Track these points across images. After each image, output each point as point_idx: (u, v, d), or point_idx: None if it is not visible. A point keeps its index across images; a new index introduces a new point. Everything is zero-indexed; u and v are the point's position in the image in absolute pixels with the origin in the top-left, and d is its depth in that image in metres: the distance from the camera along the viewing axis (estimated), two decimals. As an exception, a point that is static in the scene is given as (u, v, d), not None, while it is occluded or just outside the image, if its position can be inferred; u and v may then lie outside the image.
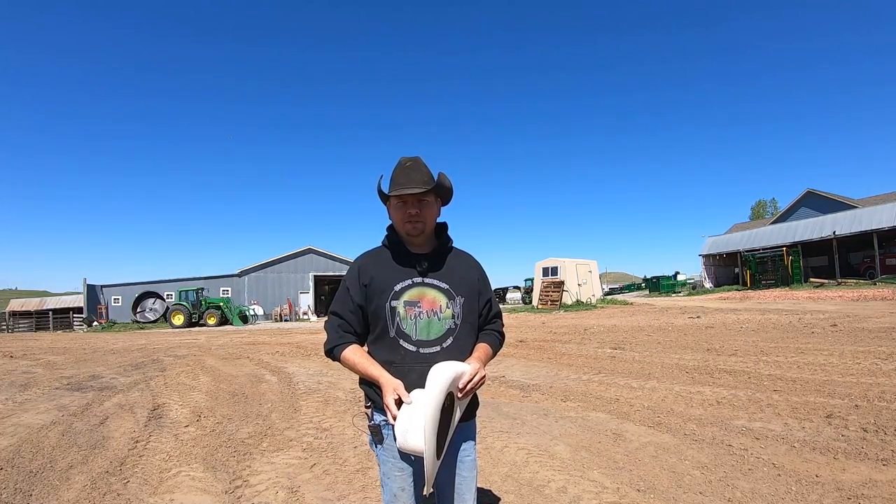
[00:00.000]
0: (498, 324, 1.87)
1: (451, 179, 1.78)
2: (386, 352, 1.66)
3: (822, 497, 2.81)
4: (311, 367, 8.72)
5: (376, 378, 1.59)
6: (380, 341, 1.68)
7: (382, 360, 1.64)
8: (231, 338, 17.34)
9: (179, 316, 27.98)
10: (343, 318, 1.70)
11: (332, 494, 3.19)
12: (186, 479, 3.54)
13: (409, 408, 1.47)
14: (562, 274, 27.06)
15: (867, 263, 27.21)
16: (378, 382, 1.58)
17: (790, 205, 38.11)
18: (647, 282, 44.30)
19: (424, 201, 1.69)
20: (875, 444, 3.52)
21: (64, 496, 3.29)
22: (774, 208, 73.21)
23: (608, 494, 2.99)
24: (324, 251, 37.30)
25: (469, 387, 1.56)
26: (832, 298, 17.98)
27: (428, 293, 1.68)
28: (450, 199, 1.84)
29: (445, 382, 1.45)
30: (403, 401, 1.49)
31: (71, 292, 40.48)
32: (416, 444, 1.42)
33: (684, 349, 8.53)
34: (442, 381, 1.44)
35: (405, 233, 1.72)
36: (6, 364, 10.96)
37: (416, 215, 1.68)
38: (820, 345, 7.90)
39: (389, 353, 1.65)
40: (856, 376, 5.55)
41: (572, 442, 4.00)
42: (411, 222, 1.69)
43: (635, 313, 18.21)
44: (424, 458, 1.42)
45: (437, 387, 1.43)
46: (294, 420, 5.10)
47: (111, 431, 4.85)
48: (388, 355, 1.65)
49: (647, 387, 5.80)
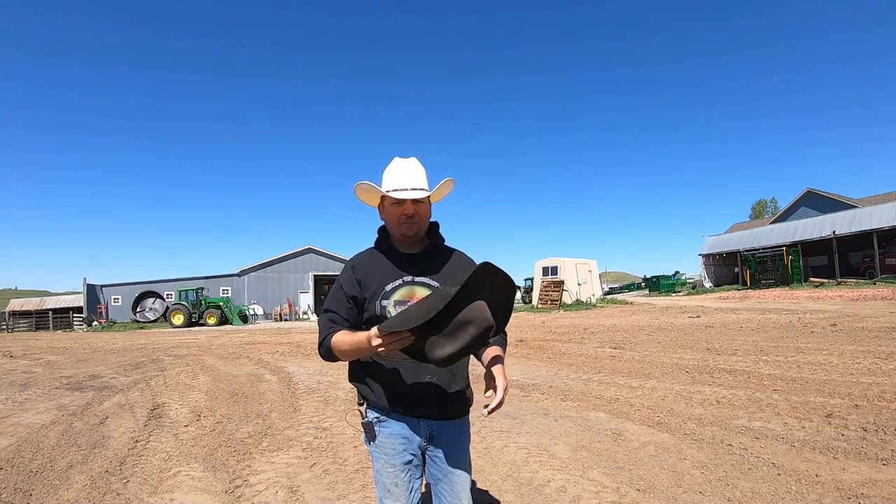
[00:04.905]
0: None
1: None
2: None
3: (821, 497, 2.81)
4: (311, 367, 8.72)
5: (362, 339, 1.50)
6: None
7: (374, 357, 1.65)
8: (231, 337, 17.34)
9: (179, 315, 27.96)
10: (336, 311, 1.70)
11: (332, 494, 3.19)
12: (186, 478, 3.53)
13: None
14: (562, 273, 27.08)
15: (867, 263, 27.20)
16: (365, 343, 1.48)
17: (790, 204, 38.10)
18: (646, 281, 44.27)
19: (420, 202, 1.68)
20: (875, 443, 3.52)
21: (64, 496, 3.28)
22: (774, 208, 73.31)
23: (608, 494, 2.99)
24: (324, 251, 37.30)
25: (497, 406, 1.50)
26: (832, 298, 17.98)
27: (418, 292, 1.67)
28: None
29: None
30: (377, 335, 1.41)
31: (71, 292, 40.48)
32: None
33: (684, 349, 8.54)
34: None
35: (400, 234, 1.71)
36: (6, 364, 10.96)
37: (412, 217, 1.67)
38: (820, 344, 7.90)
39: None
40: (855, 376, 5.55)
41: (572, 441, 4.00)
42: (407, 224, 1.68)
43: (635, 313, 18.21)
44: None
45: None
46: (294, 419, 5.10)
47: (111, 431, 4.85)
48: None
49: (646, 386, 5.80)
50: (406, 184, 1.66)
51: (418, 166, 1.73)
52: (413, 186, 1.66)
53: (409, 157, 1.75)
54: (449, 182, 1.73)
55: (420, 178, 1.69)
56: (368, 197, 1.78)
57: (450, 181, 1.73)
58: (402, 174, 1.68)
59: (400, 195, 1.65)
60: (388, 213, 1.72)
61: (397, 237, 1.73)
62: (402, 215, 1.67)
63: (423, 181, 1.70)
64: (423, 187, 1.68)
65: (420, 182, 1.68)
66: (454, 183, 1.76)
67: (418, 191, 1.66)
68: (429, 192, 1.67)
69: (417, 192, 1.65)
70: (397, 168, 1.71)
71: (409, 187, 1.66)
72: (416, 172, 1.70)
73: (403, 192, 1.65)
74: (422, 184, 1.68)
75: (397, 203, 1.67)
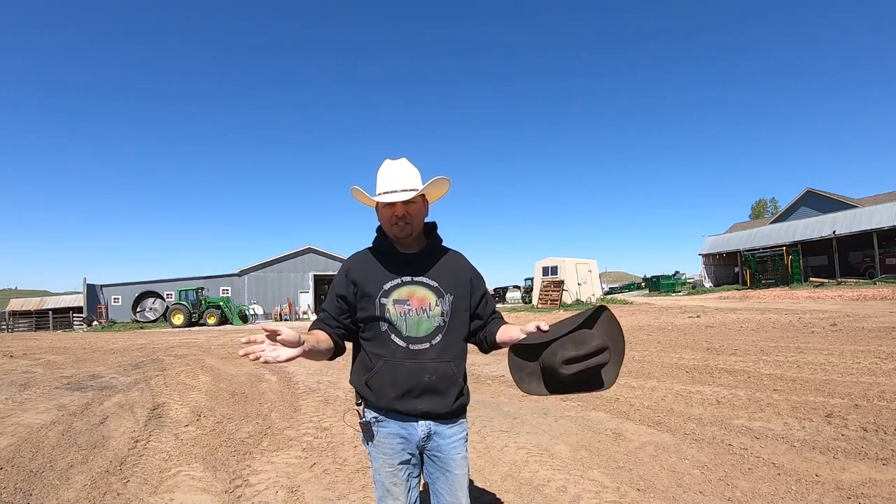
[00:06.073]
0: (499, 315, 1.87)
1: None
2: (377, 346, 1.67)
3: (821, 496, 2.81)
4: (311, 367, 8.72)
5: (306, 338, 1.48)
6: (372, 336, 1.69)
7: (374, 354, 1.66)
8: (231, 337, 17.34)
9: (179, 315, 27.96)
10: (326, 311, 1.71)
11: (332, 494, 3.19)
12: (186, 478, 3.53)
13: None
14: (562, 273, 27.09)
15: (867, 263, 27.22)
16: (307, 339, 1.48)
17: (790, 204, 38.09)
18: (646, 281, 44.25)
19: (411, 203, 1.67)
20: (875, 443, 3.52)
21: (64, 496, 3.28)
22: (774, 208, 73.21)
23: (608, 494, 2.99)
24: (324, 251, 37.29)
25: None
26: (832, 298, 17.98)
27: (417, 291, 1.68)
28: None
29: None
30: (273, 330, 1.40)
31: (71, 292, 40.47)
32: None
33: (684, 348, 8.54)
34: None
35: (394, 235, 1.71)
36: (6, 364, 10.96)
37: (402, 217, 1.67)
38: (820, 344, 7.90)
39: (381, 347, 1.66)
40: (855, 376, 5.55)
41: (572, 441, 4.00)
42: (398, 224, 1.68)
43: (635, 313, 18.21)
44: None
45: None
46: (294, 419, 5.10)
47: (111, 431, 4.85)
48: (379, 349, 1.66)
49: (646, 386, 5.81)
50: (395, 185, 1.66)
51: (408, 166, 1.72)
52: (402, 188, 1.66)
53: (399, 158, 1.75)
54: (442, 181, 1.69)
55: (410, 178, 1.69)
56: (362, 198, 1.77)
57: (442, 180, 1.69)
58: (391, 175, 1.68)
59: (388, 198, 1.65)
60: (381, 214, 1.73)
61: (392, 238, 1.74)
62: (393, 216, 1.68)
63: (414, 181, 1.69)
64: (413, 187, 1.67)
65: (410, 182, 1.68)
66: (450, 182, 1.73)
67: (407, 192, 1.65)
68: (416, 192, 1.66)
69: (406, 193, 1.65)
70: (387, 169, 1.71)
71: (398, 189, 1.66)
72: (405, 173, 1.69)
73: (392, 195, 1.65)
74: (412, 184, 1.68)
75: (389, 205, 1.67)
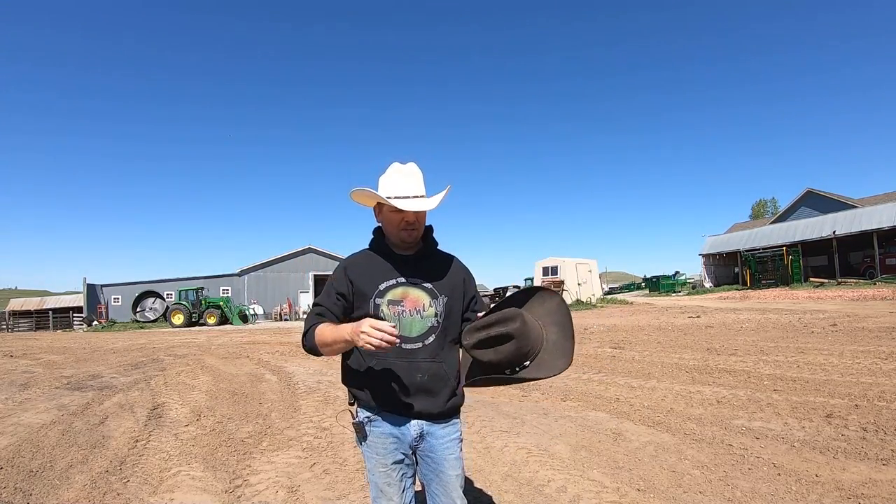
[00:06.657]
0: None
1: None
2: None
3: (821, 497, 2.81)
4: (311, 367, 8.71)
5: (347, 331, 1.49)
6: None
7: (367, 353, 1.65)
8: (231, 337, 17.33)
9: (179, 315, 27.94)
10: (323, 305, 1.70)
11: (332, 494, 3.19)
12: (186, 478, 3.53)
13: None
14: (562, 273, 27.12)
15: (867, 263, 27.19)
16: (351, 335, 1.47)
17: (790, 204, 38.06)
18: (646, 281, 44.24)
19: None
20: (875, 443, 3.52)
21: (64, 496, 3.28)
22: (774, 208, 73.13)
23: (608, 494, 2.99)
24: (324, 251, 37.28)
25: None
26: (832, 298, 17.98)
27: (411, 292, 1.69)
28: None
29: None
30: (384, 329, 1.41)
31: (71, 292, 40.44)
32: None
33: (684, 349, 8.54)
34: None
35: (400, 240, 1.72)
36: (6, 363, 10.96)
37: (412, 223, 1.69)
38: (820, 344, 7.90)
39: None
40: (856, 376, 5.55)
41: (572, 441, 4.00)
42: (408, 230, 1.70)
43: (635, 313, 18.21)
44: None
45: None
46: (294, 419, 5.10)
47: (111, 431, 4.85)
48: None
49: (646, 386, 5.80)
50: (408, 191, 1.68)
51: (418, 172, 1.73)
52: (416, 194, 1.68)
53: (407, 163, 1.76)
54: (447, 189, 1.74)
55: (420, 185, 1.71)
56: (364, 199, 1.78)
57: (448, 189, 1.74)
58: (403, 181, 1.69)
59: (403, 204, 1.65)
60: (387, 218, 1.73)
61: (395, 241, 1.74)
62: (402, 222, 1.69)
63: (423, 188, 1.72)
64: (424, 195, 1.70)
65: (421, 189, 1.70)
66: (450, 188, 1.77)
67: (422, 199, 1.68)
68: (433, 207, 1.68)
69: (421, 202, 1.67)
70: (398, 174, 1.72)
71: (411, 195, 1.67)
72: (416, 180, 1.71)
73: (406, 201, 1.65)
74: (422, 191, 1.70)
75: (398, 210, 1.67)
